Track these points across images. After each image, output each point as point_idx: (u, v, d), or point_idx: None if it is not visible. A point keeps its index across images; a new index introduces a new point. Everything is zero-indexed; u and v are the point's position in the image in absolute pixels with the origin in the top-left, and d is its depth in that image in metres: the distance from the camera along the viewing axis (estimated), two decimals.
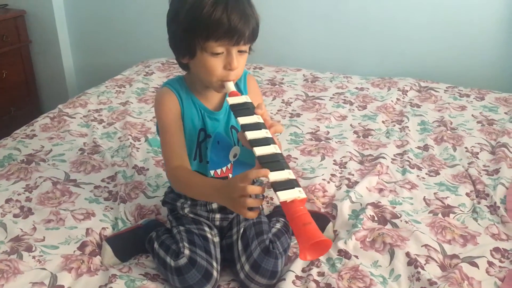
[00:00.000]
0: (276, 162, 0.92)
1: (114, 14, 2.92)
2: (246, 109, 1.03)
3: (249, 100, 1.06)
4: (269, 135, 0.99)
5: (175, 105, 1.15)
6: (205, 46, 1.05)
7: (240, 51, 1.08)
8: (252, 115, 1.02)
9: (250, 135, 0.98)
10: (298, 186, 0.90)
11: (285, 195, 0.86)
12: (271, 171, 0.90)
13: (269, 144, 0.96)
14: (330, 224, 1.30)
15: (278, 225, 1.22)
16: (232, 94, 1.08)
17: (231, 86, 1.09)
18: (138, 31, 2.88)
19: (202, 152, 1.19)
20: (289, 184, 0.89)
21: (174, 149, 1.13)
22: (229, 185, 0.98)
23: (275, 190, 0.88)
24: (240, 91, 1.19)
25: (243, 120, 1.01)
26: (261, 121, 1.02)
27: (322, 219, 1.31)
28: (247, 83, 1.23)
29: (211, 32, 1.03)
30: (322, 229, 1.27)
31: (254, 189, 0.94)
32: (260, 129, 0.99)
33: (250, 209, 0.96)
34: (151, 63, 2.50)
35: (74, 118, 1.91)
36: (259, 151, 0.95)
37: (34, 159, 1.59)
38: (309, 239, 0.83)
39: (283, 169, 0.91)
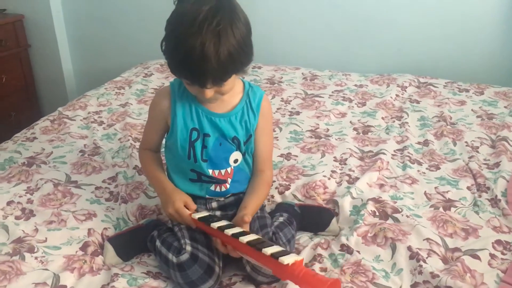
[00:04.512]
0: (264, 242, 1.03)
1: (113, 17, 2.93)
2: (214, 217, 1.16)
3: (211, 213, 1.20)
4: (244, 229, 1.09)
5: (164, 105, 1.21)
6: (180, 78, 1.12)
7: None
8: (220, 220, 1.13)
9: (229, 232, 1.06)
10: (291, 253, 1.02)
11: (287, 259, 0.94)
12: (263, 248, 0.99)
13: (249, 234, 1.06)
14: (334, 219, 1.31)
15: (281, 219, 1.24)
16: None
17: None
18: (136, 33, 2.88)
19: (196, 152, 1.19)
20: (284, 252, 0.98)
21: (147, 137, 1.31)
22: (167, 200, 1.19)
23: (277, 257, 0.95)
24: (252, 109, 1.21)
25: (216, 224, 1.10)
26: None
27: (326, 214, 1.32)
28: (261, 105, 1.23)
29: (181, 76, 1.09)
30: (327, 223, 1.29)
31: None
32: (234, 226, 1.10)
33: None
34: (150, 65, 2.51)
35: (74, 120, 1.91)
36: (245, 239, 1.03)
37: (35, 162, 1.59)
38: (324, 283, 0.91)
39: (273, 245, 1.01)
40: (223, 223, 1.11)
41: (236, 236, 1.04)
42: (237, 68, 1.07)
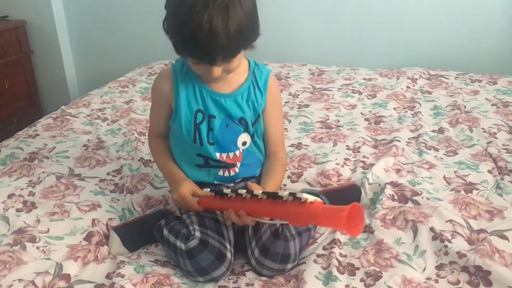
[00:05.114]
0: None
1: (115, 22, 2.90)
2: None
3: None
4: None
5: (167, 87, 1.16)
6: (186, 57, 1.05)
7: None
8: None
9: (243, 191, 1.01)
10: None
11: (309, 197, 0.92)
12: (279, 192, 0.96)
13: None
14: (363, 193, 1.28)
15: None
16: None
17: None
18: (139, 38, 2.85)
19: (202, 135, 1.13)
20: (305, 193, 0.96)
21: (153, 123, 1.26)
22: (174, 188, 1.14)
23: (299, 195, 0.92)
24: (259, 88, 1.16)
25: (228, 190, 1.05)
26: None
27: (353, 191, 1.29)
28: (268, 84, 1.17)
29: (188, 54, 1.02)
30: (358, 199, 1.27)
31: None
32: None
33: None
34: (154, 65, 2.47)
35: (77, 117, 1.86)
36: (260, 192, 0.99)
37: (37, 157, 1.53)
38: (342, 210, 0.87)
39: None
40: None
41: (250, 192, 0.98)
42: (246, 42, 1.01)
